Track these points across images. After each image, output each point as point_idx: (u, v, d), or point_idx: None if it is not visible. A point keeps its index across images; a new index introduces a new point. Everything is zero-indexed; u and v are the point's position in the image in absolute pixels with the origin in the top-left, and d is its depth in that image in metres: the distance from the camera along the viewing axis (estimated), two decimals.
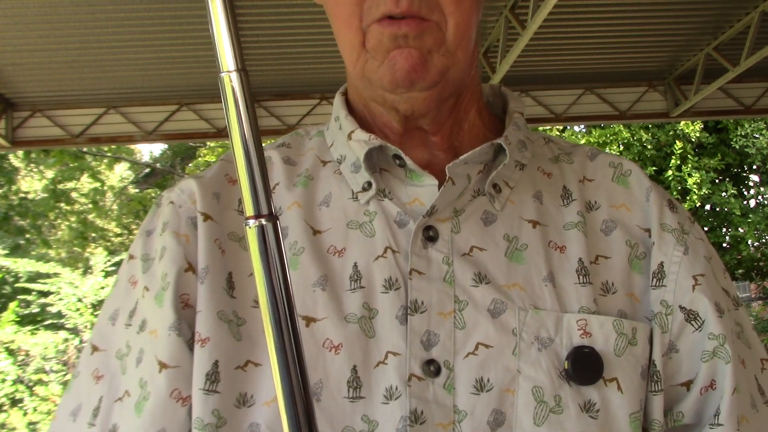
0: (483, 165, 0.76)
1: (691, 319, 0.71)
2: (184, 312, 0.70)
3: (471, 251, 0.72)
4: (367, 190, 0.75)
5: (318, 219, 0.75)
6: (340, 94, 0.82)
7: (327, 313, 0.69)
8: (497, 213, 0.74)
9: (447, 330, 0.68)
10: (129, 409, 0.68)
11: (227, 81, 0.48)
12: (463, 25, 0.70)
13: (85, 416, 0.71)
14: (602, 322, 0.69)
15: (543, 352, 0.68)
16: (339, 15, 0.72)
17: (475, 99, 0.79)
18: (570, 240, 0.74)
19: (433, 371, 0.66)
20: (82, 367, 0.74)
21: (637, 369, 0.69)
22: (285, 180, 0.78)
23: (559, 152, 0.83)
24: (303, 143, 0.84)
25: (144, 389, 0.68)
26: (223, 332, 0.69)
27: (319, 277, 0.71)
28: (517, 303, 0.70)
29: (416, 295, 0.69)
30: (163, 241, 0.74)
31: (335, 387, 0.66)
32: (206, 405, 0.66)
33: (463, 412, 0.66)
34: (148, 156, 16.40)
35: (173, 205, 0.76)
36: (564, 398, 0.66)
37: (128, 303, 0.74)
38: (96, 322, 0.77)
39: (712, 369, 0.70)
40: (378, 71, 0.70)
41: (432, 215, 0.72)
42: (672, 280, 0.73)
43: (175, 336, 0.68)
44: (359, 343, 0.68)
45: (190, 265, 0.72)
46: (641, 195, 0.78)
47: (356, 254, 0.72)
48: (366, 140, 0.74)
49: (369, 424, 0.65)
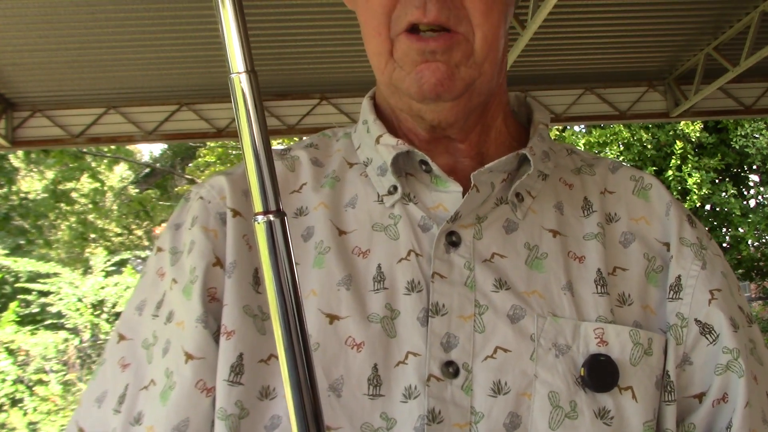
0: (507, 174, 0.77)
1: (706, 332, 0.72)
2: (210, 305, 0.72)
3: (492, 258, 0.74)
4: (392, 193, 0.77)
5: (344, 220, 0.77)
6: (368, 98, 0.84)
7: (350, 312, 0.71)
8: (519, 222, 0.76)
9: (467, 333, 0.70)
10: (154, 398, 0.70)
11: (237, 82, 0.49)
12: (490, 37, 0.71)
13: (110, 403, 0.72)
14: (619, 331, 0.71)
15: (560, 359, 0.69)
16: (368, 23, 0.73)
17: (501, 106, 0.81)
18: (589, 250, 0.76)
19: (452, 372, 0.68)
20: (108, 355, 0.76)
21: (651, 378, 0.71)
22: (312, 181, 0.80)
23: (581, 164, 0.84)
24: (330, 144, 0.85)
25: (170, 379, 0.70)
26: (248, 326, 0.70)
27: (343, 277, 0.72)
28: (536, 310, 0.71)
29: (437, 297, 0.71)
30: (192, 235, 0.76)
31: (356, 384, 0.68)
32: (230, 396, 0.67)
33: (479, 414, 0.67)
34: (148, 156, 16.39)
35: (203, 200, 0.78)
36: (579, 404, 0.68)
37: (155, 294, 0.76)
38: (123, 312, 0.79)
39: (725, 382, 0.71)
40: (405, 81, 0.71)
41: (455, 221, 0.74)
42: (689, 293, 0.74)
43: (201, 328, 0.70)
44: (381, 343, 0.69)
45: (218, 259, 0.74)
46: (661, 209, 0.79)
47: (380, 256, 0.74)
48: (393, 145, 0.76)
49: (387, 422, 0.67)
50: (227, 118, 6.19)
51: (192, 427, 0.68)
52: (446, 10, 0.68)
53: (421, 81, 0.70)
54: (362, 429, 0.67)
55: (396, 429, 0.67)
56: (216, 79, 5.71)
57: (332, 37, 5.21)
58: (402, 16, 0.69)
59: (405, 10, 0.69)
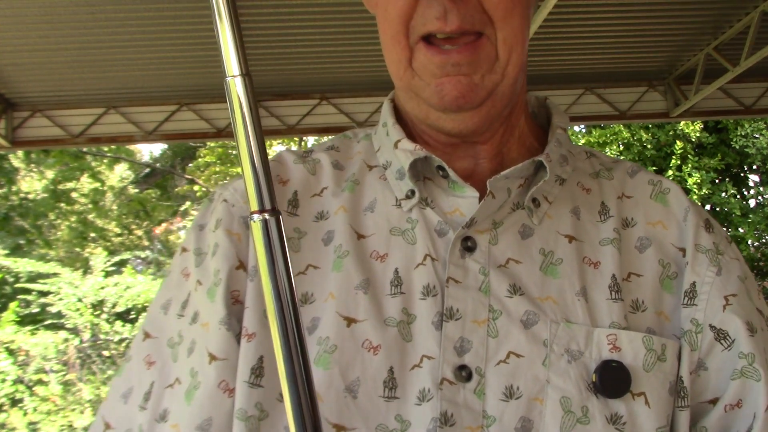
0: (524, 179, 0.78)
1: (721, 338, 0.72)
2: (234, 307, 0.73)
3: (507, 263, 0.74)
4: (410, 197, 0.77)
5: (363, 224, 0.78)
6: (388, 100, 0.84)
7: (367, 315, 0.72)
8: (534, 227, 0.76)
9: (480, 338, 0.70)
10: (179, 396, 0.71)
11: (232, 85, 0.51)
12: (512, 40, 0.71)
13: (136, 399, 0.74)
14: (632, 337, 0.71)
15: (572, 364, 0.69)
16: (386, 30, 0.73)
17: (523, 107, 0.81)
18: (605, 256, 0.76)
19: (465, 376, 0.69)
20: (133, 352, 0.77)
21: (665, 385, 0.70)
22: (333, 186, 0.81)
23: (600, 167, 0.84)
24: (351, 146, 0.86)
25: (195, 378, 0.71)
26: (268, 329, 0.71)
27: (361, 281, 0.73)
28: (550, 315, 0.71)
29: (452, 302, 0.71)
30: (216, 237, 0.77)
31: (372, 386, 0.69)
32: (250, 398, 0.69)
33: (491, 418, 0.68)
34: (148, 156, 16.38)
35: (226, 203, 0.79)
36: (591, 409, 0.68)
37: (181, 294, 0.78)
38: (148, 310, 0.81)
39: (741, 388, 0.71)
40: (425, 91, 0.72)
41: (471, 226, 0.74)
42: (703, 299, 0.74)
43: (224, 330, 0.72)
44: (397, 346, 0.70)
45: (241, 263, 0.75)
46: (680, 213, 0.79)
47: (397, 260, 0.75)
48: (411, 150, 0.77)
49: (402, 424, 0.68)
50: (227, 118, 6.18)
51: (215, 426, 0.69)
52: (469, 17, 0.68)
53: (442, 93, 0.70)
54: (377, 430, 0.68)
55: (410, 431, 0.68)
56: (216, 79, 5.71)
57: (332, 37, 5.20)
58: (420, 25, 0.69)
59: (424, 20, 0.69)
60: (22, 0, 4.45)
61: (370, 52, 5.51)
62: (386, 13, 0.72)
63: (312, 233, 0.77)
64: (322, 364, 0.70)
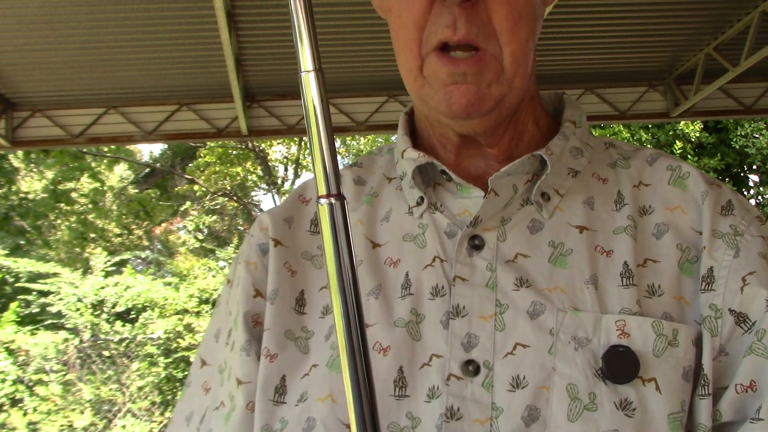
0: (531, 175, 0.79)
1: (741, 321, 0.71)
2: (254, 330, 0.79)
3: (515, 258, 0.75)
4: (420, 204, 0.80)
5: (378, 233, 0.81)
6: (404, 113, 0.87)
7: (378, 319, 0.74)
8: (544, 221, 0.77)
9: (487, 332, 0.72)
10: (221, 418, 0.78)
11: (306, 79, 0.54)
12: (518, 53, 0.72)
13: (195, 422, 0.81)
14: (641, 323, 0.70)
15: (579, 351, 0.70)
16: (399, 37, 0.75)
17: (530, 110, 0.82)
18: (618, 244, 0.76)
19: (472, 371, 0.70)
20: (193, 378, 0.85)
21: (678, 370, 0.70)
22: (353, 201, 0.85)
23: (617, 157, 0.84)
24: (374, 162, 0.91)
25: (232, 402, 0.77)
26: (290, 350, 0.77)
27: (373, 287, 0.77)
28: (557, 305, 0.72)
29: (458, 300, 0.73)
30: (239, 270, 0.84)
31: (383, 386, 0.70)
32: (275, 414, 0.74)
33: (499, 409, 0.68)
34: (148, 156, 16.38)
35: (249, 236, 0.87)
36: (599, 396, 0.68)
37: (227, 323, 0.84)
38: (204, 338, 0.88)
39: (751, 366, 0.69)
40: (434, 98, 0.73)
41: (477, 225, 0.76)
42: (721, 284, 0.73)
43: (245, 356, 0.78)
44: (406, 346, 0.73)
45: (257, 291, 0.81)
46: (698, 197, 0.78)
47: (409, 264, 0.77)
48: (415, 158, 0.79)
49: (412, 421, 0.70)
50: (227, 118, 6.20)
51: None
52: (475, 28, 0.69)
53: (451, 101, 0.71)
54: (389, 428, 0.69)
55: (420, 427, 0.69)
56: (216, 79, 5.71)
57: (332, 37, 5.21)
58: (432, 34, 0.71)
59: (435, 28, 0.70)
60: (22, 0, 4.45)
61: (370, 52, 5.52)
62: (400, 19, 0.73)
63: None
64: (335, 367, 0.73)
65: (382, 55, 5.58)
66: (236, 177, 14.57)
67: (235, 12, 4.76)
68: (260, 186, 15.63)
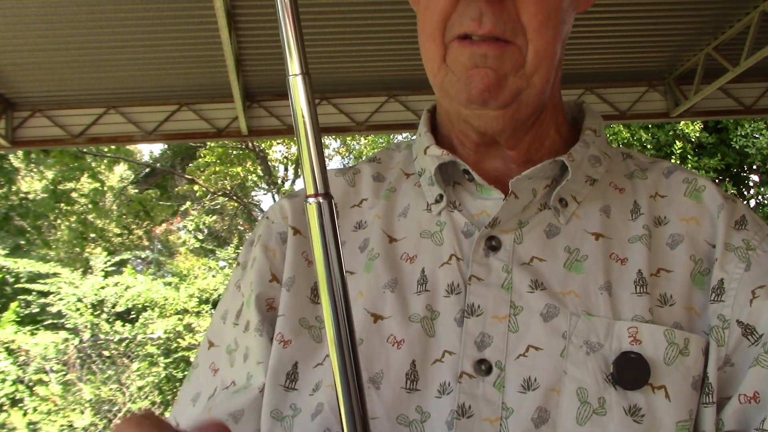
0: (551, 180, 0.80)
1: (748, 333, 0.72)
2: (268, 314, 0.79)
3: (531, 261, 0.76)
4: (439, 202, 0.81)
5: (395, 228, 0.82)
6: (426, 110, 0.88)
7: (393, 312, 0.75)
8: (561, 226, 0.78)
9: (501, 333, 0.72)
10: (233, 395, 0.77)
11: (294, 83, 0.56)
12: (542, 51, 0.72)
13: (202, 401, 0.81)
14: (653, 330, 0.71)
15: (591, 356, 0.70)
16: (425, 27, 0.76)
17: (553, 116, 0.83)
18: (632, 252, 0.76)
19: (484, 370, 0.71)
20: (200, 360, 0.85)
21: (687, 379, 0.70)
22: (372, 197, 0.86)
23: (634, 168, 0.86)
24: (392, 157, 0.92)
25: (248, 381, 0.77)
26: (304, 338, 0.77)
27: (389, 280, 0.77)
28: (570, 308, 0.72)
29: (473, 299, 0.74)
30: (255, 252, 0.84)
31: (395, 378, 0.72)
32: (286, 399, 0.74)
33: (510, 409, 0.69)
34: (148, 156, 16.37)
35: (268, 220, 0.87)
36: (608, 401, 0.68)
37: (235, 305, 0.84)
38: (212, 320, 0.88)
39: (756, 378, 0.70)
40: (455, 86, 0.74)
41: (495, 226, 0.77)
42: (731, 296, 0.73)
43: (258, 336, 0.78)
44: (420, 341, 0.73)
45: (273, 276, 0.82)
46: (714, 210, 0.79)
47: (425, 261, 0.78)
48: (438, 155, 0.80)
49: (422, 415, 0.70)
50: (227, 118, 6.19)
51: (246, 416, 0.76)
52: (501, 23, 0.70)
53: (470, 86, 0.72)
54: (398, 420, 0.70)
55: (429, 422, 0.70)
56: (216, 79, 5.71)
57: (332, 37, 5.21)
58: (458, 25, 0.71)
59: (461, 20, 0.71)
60: (22, 0, 4.45)
61: (370, 52, 5.52)
62: (427, 10, 0.74)
63: (351, 242, 0.83)
64: None
65: (382, 55, 5.58)
66: (236, 177, 14.58)
67: (235, 12, 4.76)
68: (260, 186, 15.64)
